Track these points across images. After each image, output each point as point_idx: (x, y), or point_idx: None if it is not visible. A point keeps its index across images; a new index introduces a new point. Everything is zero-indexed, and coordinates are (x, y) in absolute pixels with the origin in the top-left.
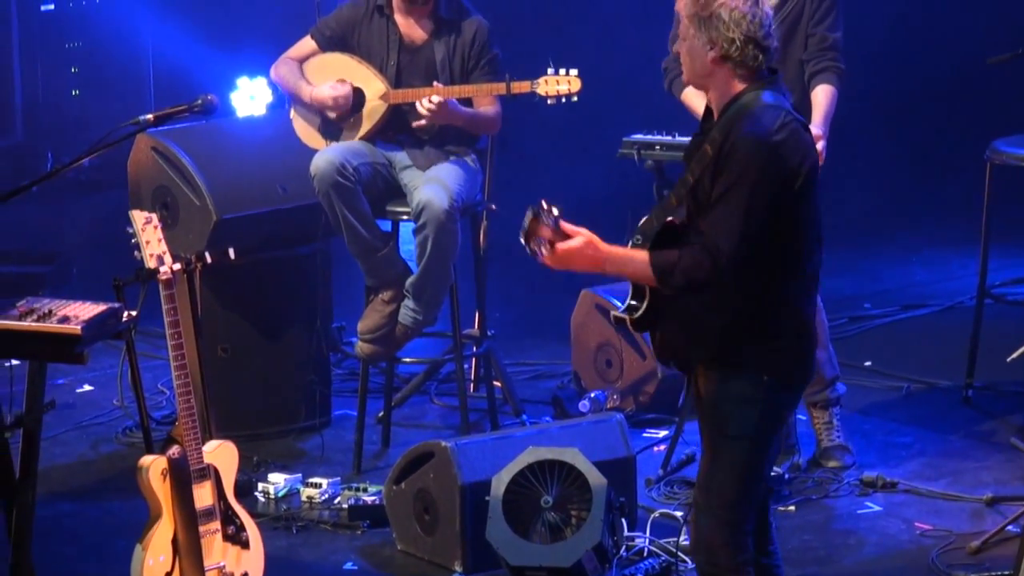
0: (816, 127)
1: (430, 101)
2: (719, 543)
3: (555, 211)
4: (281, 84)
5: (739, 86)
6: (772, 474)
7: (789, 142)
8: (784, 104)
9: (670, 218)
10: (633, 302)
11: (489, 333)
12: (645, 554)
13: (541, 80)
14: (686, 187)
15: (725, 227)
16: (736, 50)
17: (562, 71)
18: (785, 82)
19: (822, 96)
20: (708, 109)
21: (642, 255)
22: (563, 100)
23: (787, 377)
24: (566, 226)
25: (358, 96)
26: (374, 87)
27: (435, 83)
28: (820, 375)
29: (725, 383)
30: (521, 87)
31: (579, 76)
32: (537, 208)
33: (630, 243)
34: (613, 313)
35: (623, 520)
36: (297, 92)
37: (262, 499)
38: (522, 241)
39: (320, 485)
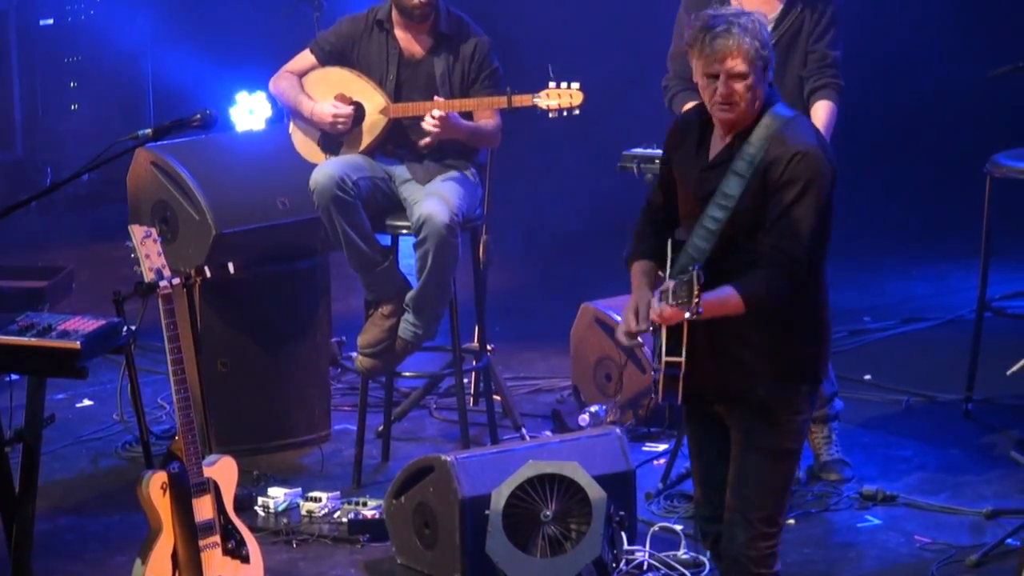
0: None
1: (433, 116)
2: (757, 556)
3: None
4: (281, 98)
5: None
6: None
7: (828, 146)
8: (796, 112)
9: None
10: (671, 359)
11: (489, 347)
12: (645, 568)
13: (543, 93)
14: (726, 212)
15: (796, 237)
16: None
17: (563, 84)
18: (784, 97)
19: (821, 111)
20: (699, 131)
21: (733, 295)
22: (564, 113)
23: (818, 385)
24: None
25: (358, 110)
26: (374, 101)
27: (435, 97)
28: (819, 391)
29: (768, 400)
30: (523, 100)
31: (580, 89)
32: (699, 273)
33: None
34: (661, 374)
35: (623, 534)
36: (297, 107)
37: (262, 513)
38: (688, 314)
39: (320, 499)
